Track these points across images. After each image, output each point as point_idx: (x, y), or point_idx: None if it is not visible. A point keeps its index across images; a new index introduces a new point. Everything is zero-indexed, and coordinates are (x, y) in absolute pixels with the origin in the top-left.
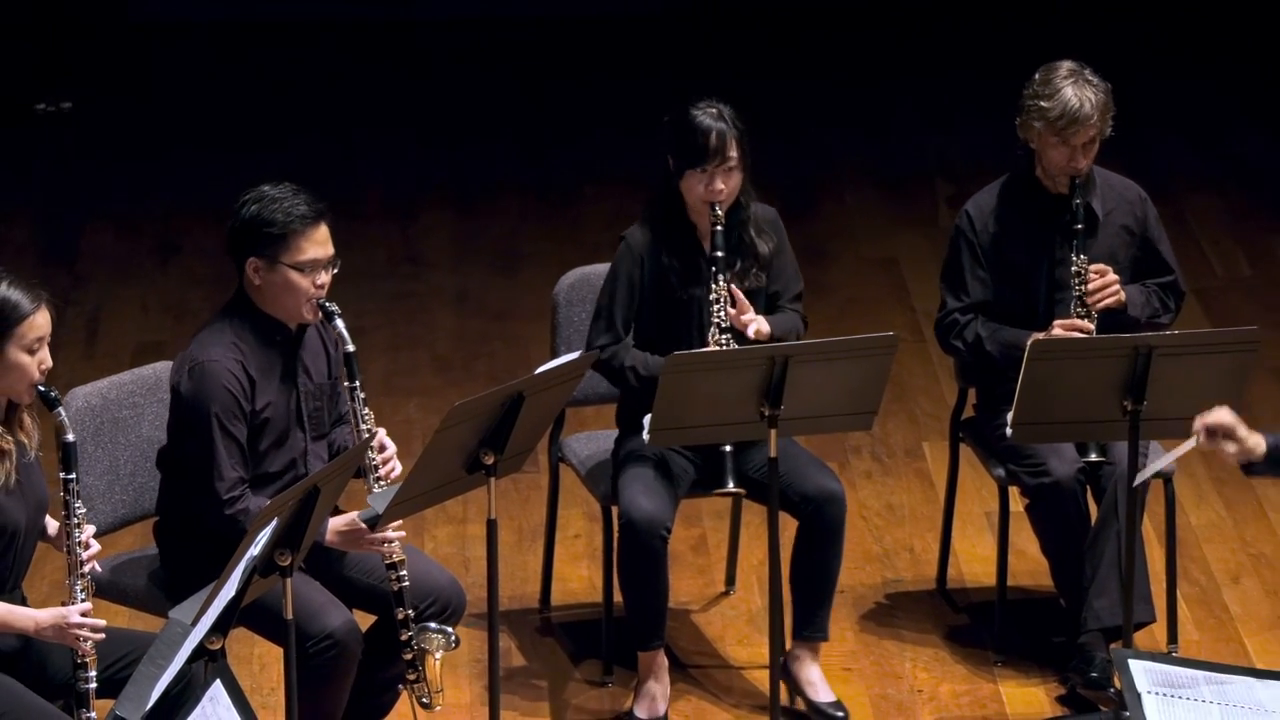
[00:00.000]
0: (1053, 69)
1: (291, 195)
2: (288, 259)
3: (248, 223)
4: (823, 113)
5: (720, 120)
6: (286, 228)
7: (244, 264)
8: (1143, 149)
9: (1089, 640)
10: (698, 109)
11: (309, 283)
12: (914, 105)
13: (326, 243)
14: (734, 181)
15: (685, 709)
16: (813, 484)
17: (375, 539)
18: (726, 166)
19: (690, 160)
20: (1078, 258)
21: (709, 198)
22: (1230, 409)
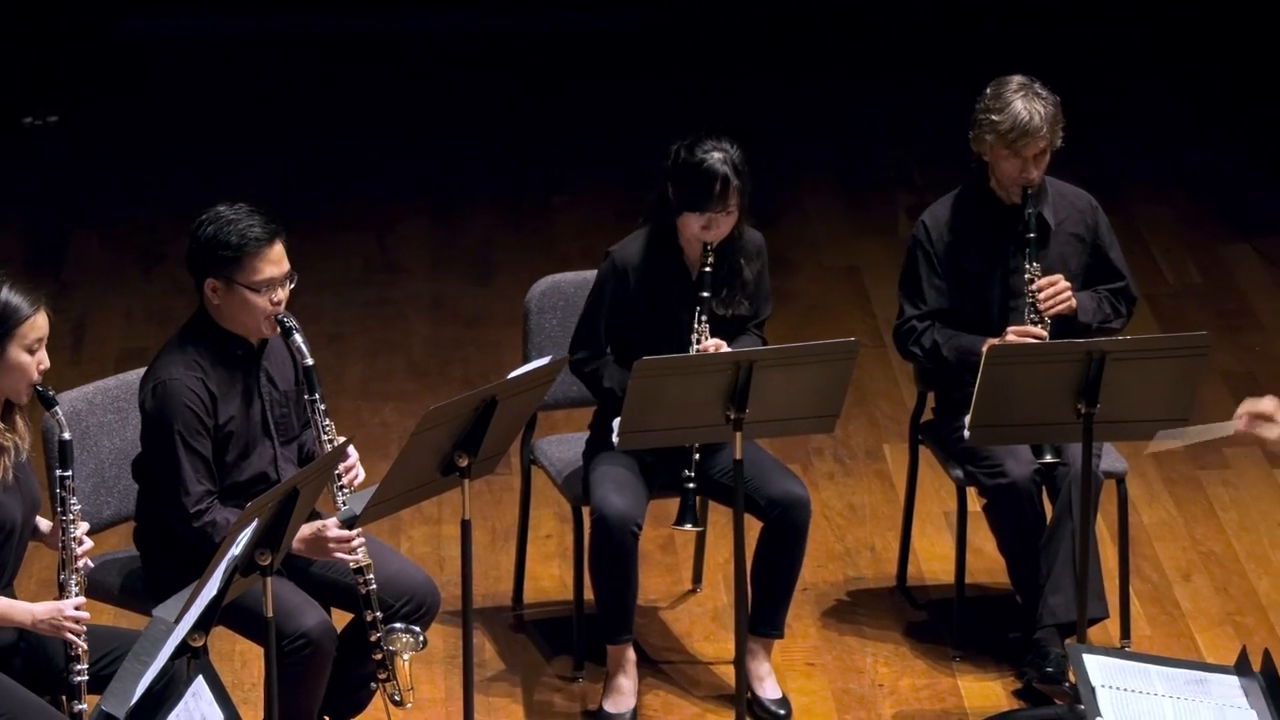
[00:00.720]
0: (1003, 83)
1: (246, 216)
2: (243, 279)
3: (204, 245)
4: (787, 124)
5: (725, 165)
6: (241, 250)
7: (203, 284)
8: (1095, 159)
9: (1045, 635)
10: (705, 150)
11: (265, 300)
12: (874, 117)
13: (281, 260)
14: (728, 225)
15: (653, 703)
16: (778, 488)
17: (340, 546)
18: (725, 213)
19: (691, 203)
20: (1030, 266)
21: (703, 238)
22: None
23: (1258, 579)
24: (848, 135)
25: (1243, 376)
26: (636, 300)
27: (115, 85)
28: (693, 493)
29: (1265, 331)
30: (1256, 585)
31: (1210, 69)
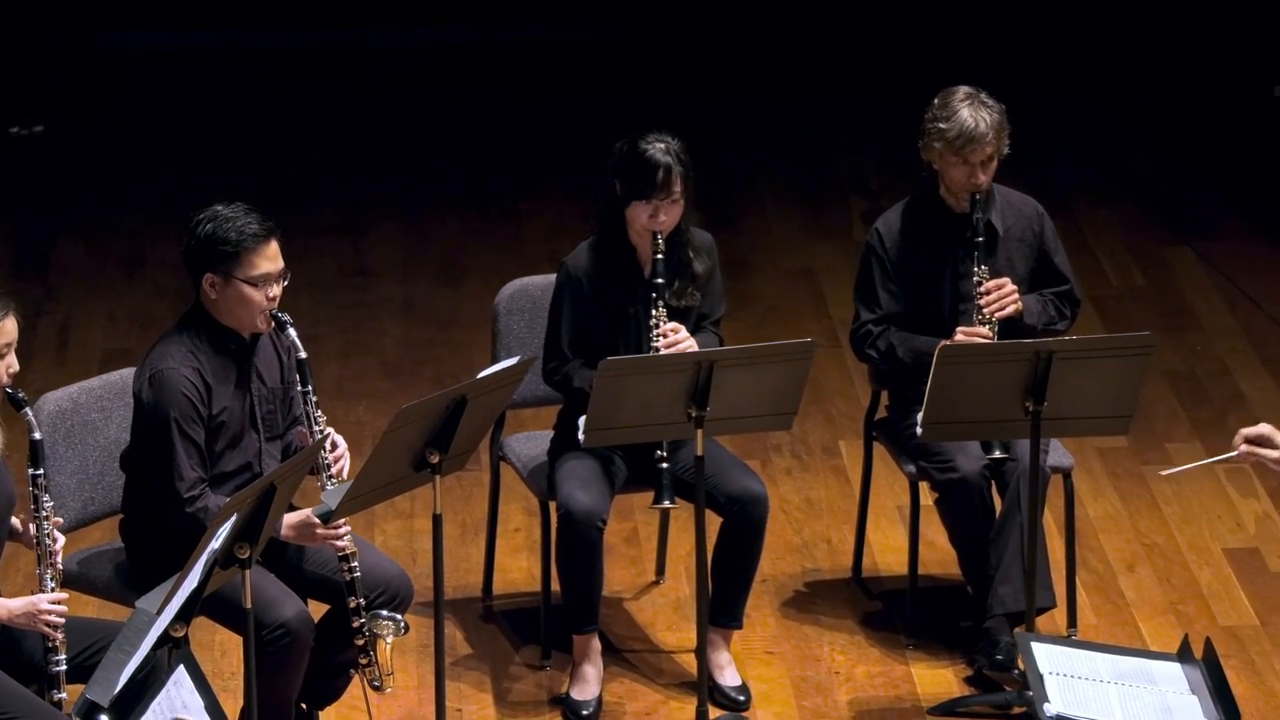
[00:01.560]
0: (950, 93)
1: (243, 214)
2: (241, 274)
3: (203, 241)
4: (746, 132)
5: (668, 155)
6: (240, 245)
7: (200, 279)
8: (1042, 166)
9: (994, 625)
10: (648, 142)
11: (261, 295)
12: (829, 126)
13: (277, 258)
14: (676, 212)
15: (618, 690)
16: (737, 485)
17: (327, 533)
18: (671, 199)
19: (637, 192)
20: (979, 269)
21: (652, 227)
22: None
23: (1199, 570)
24: (804, 144)
25: (1184, 375)
26: (594, 303)
27: (97, 97)
28: (666, 472)
29: (1205, 331)
30: (1198, 576)
31: (1150, 82)
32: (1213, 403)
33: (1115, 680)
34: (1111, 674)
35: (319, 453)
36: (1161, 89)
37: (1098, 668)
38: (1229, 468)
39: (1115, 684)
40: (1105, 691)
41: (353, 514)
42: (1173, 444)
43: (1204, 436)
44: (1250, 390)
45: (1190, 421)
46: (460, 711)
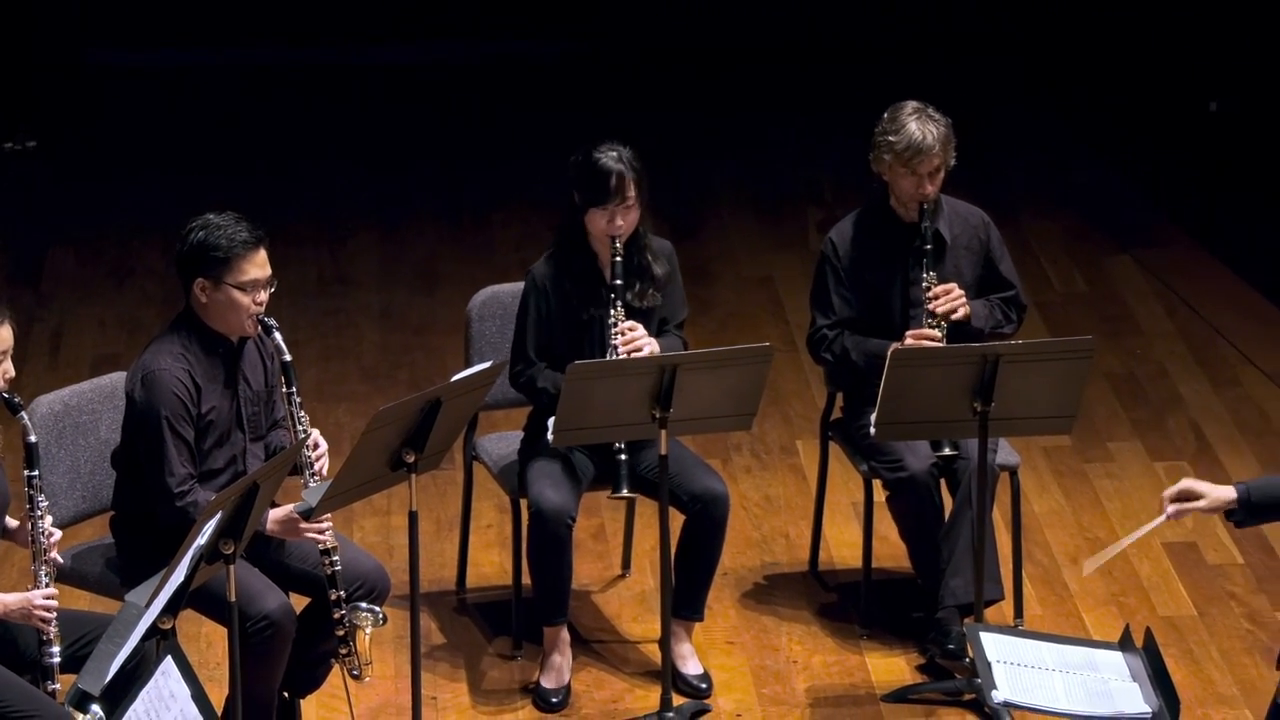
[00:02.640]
0: (899, 108)
1: (234, 223)
2: (231, 280)
3: (195, 248)
4: (706, 146)
5: (620, 163)
6: (230, 252)
7: (191, 284)
8: (988, 177)
9: (946, 615)
10: (600, 152)
11: (250, 300)
12: (786, 139)
13: (265, 265)
14: (633, 217)
15: (586, 678)
16: (699, 484)
17: (310, 528)
18: (626, 205)
19: (594, 199)
20: (928, 275)
21: (610, 231)
22: (1192, 480)
23: (1139, 563)
24: (762, 157)
25: (1124, 377)
26: (557, 309)
27: (87, 113)
28: (625, 463)
29: (1145, 335)
30: (1138, 569)
31: (1090, 98)
32: (1151, 403)
33: (1060, 668)
34: (1056, 662)
35: (301, 452)
36: (1102, 105)
37: (1043, 656)
38: (1168, 466)
39: (1060, 672)
40: (1050, 679)
41: (333, 511)
42: (1114, 443)
43: (1143, 436)
44: (1187, 392)
45: (1130, 422)
46: (435, 699)
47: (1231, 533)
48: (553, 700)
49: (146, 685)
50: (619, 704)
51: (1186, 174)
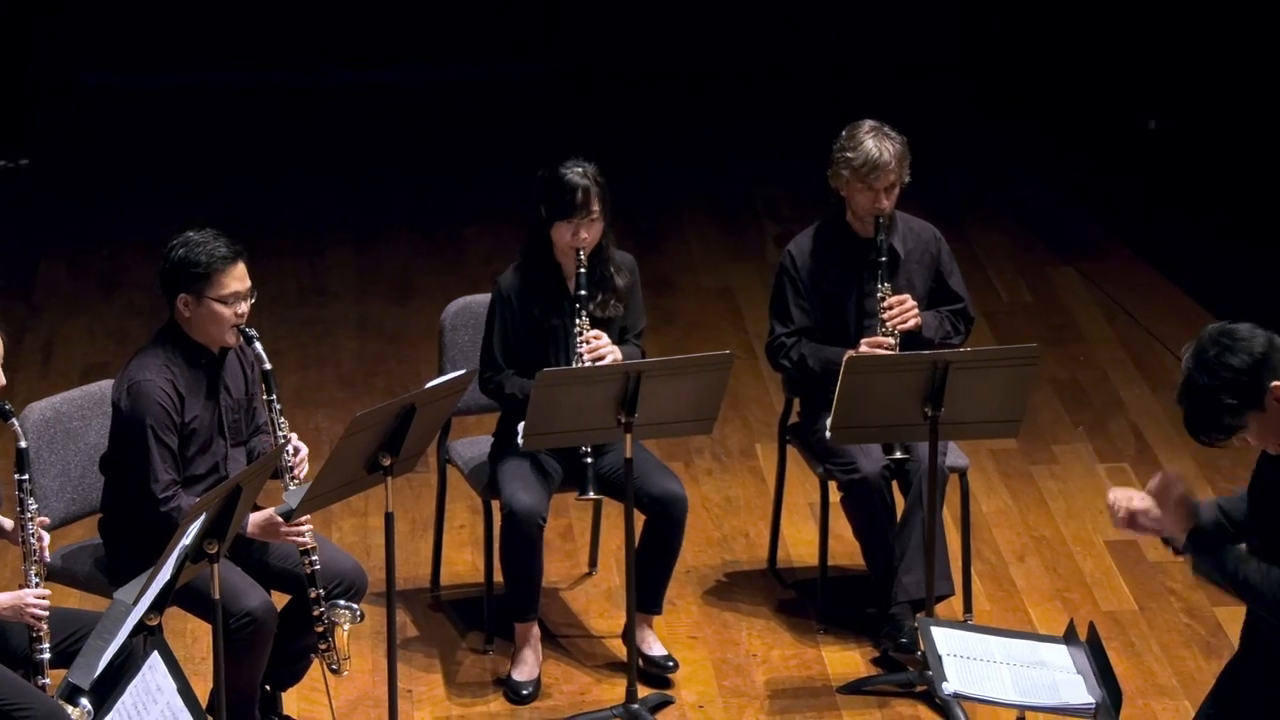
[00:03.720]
0: (856, 126)
1: (213, 239)
2: (212, 294)
3: (177, 264)
4: (668, 161)
5: (586, 178)
6: (210, 267)
7: (174, 299)
8: (939, 192)
9: (899, 611)
10: (566, 168)
11: (231, 313)
12: (744, 155)
13: (244, 278)
14: (596, 230)
15: (555, 671)
16: (659, 487)
17: (290, 530)
18: (590, 218)
19: (559, 213)
20: (882, 287)
21: (574, 244)
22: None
23: (1083, 560)
24: (722, 173)
25: (1068, 383)
26: (523, 318)
27: (77, 132)
28: (590, 466)
29: (1088, 343)
30: (1082, 565)
31: (1036, 118)
32: (1094, 408)
33: (1007, 661)
34: (1004, 656)
35: (281, 456)
36: (1047, 124)
37: (991, 650)
38: (1111, 466)
39: (1007, 665)
40: (998, 671)
41: (312, 512)
42: (1058, 445)
43: (1087, 438)
44: (1129, 396)
45: (1074, 425)
46: (411, 692)
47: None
48: (523, 692)
49: (134, 679)
50: (586, 695)
51: (1126, 189)
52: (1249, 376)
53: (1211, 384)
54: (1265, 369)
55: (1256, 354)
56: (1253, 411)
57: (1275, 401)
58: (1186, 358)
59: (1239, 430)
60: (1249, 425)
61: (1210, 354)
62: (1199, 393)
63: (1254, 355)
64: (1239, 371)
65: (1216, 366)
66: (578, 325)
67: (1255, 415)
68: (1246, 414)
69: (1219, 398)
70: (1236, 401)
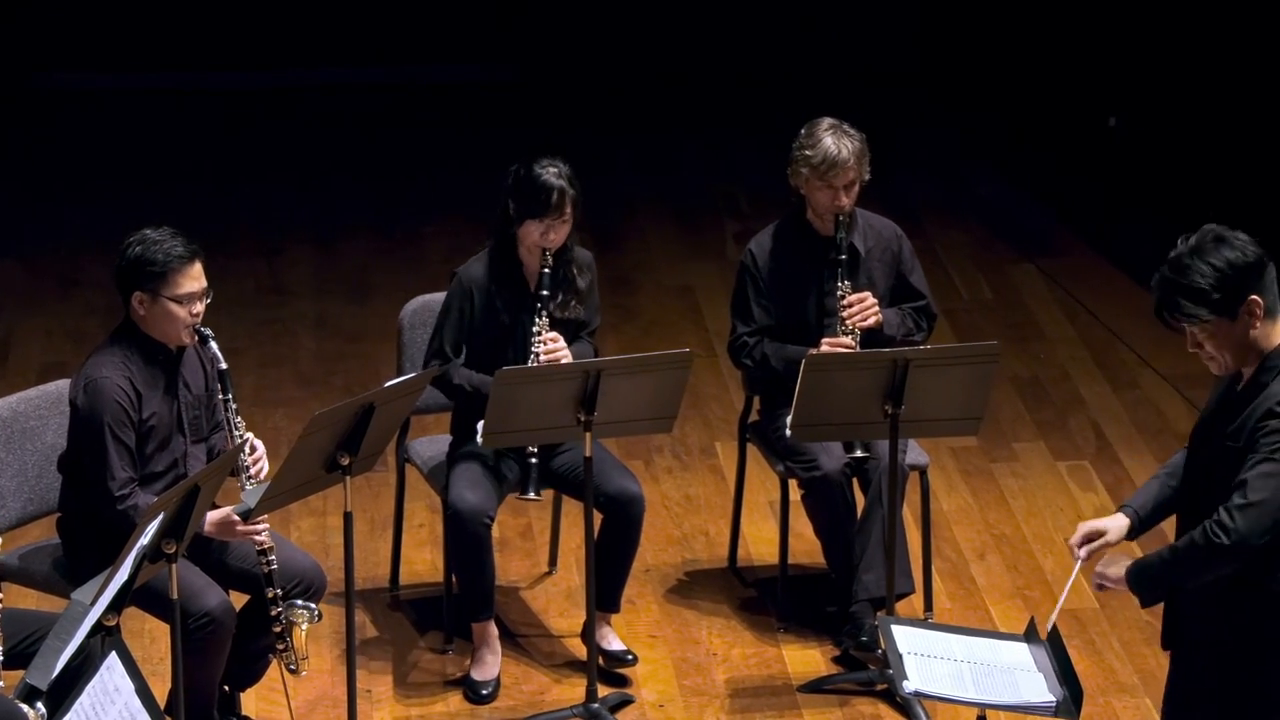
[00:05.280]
0: (815, 124)
1: (169, 238)
2: (167, 292)
3: (132, 262)
4: (627, 162)
5: (561, 179)
6: (166, 266)
7: (130, 297)
8: (900, 191)
9: (859, 609)
10: (541, 166)
11: (186, 312)
12: (703, 155)
13: (200, 277)
14: (565, 232)
15: (515, 671)
16: (615, 486)
17: (248, 529)
18: (562, 219)
19: (531, 211)
20: (842, 285)
21: (543, 244)
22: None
23: (1043, 558)
24: (680, 172)
25: (1029, 380)
26: (482, 312)
27: (34, 133)
28: (535, 466)
29: (1048, 341)
30: (1042, 563)
31: (996, 115)
32: (1055, 405)
33: (968, 659)
34: (964, 654)
35: (239, 456)
36: (1008, 121)
37: (952, 648)
38: (1071, 465)
39: (968, 663)
40: (959, 670)
41: (270, 512)
42: (1019, 443)
43: (1047, 436)
44: (1088, 394)
45: (1034, 423)
46: (370, 692)
47: None
48: (482, 692)
49: (92, 680)
50: (546, 695)
51: (1087, 187)
52: (1235, 274)
53: (1199, 266)
54: (1251, 276)
55: (1250, 259)
56: (1221, 317)
57: (1247, 315)
58: (1184, 240)
59: (1199, 322)
60: (1211, 329)
61: (1208, 241)
62: (1183, 271)
63: (1247, 258)
64: (1230, 265)
65: (1210, 253)
66: (537, 325)
67: (1222, 322)
68: (1215, 313)
69: (1199, 282)
70: (1215, 295)
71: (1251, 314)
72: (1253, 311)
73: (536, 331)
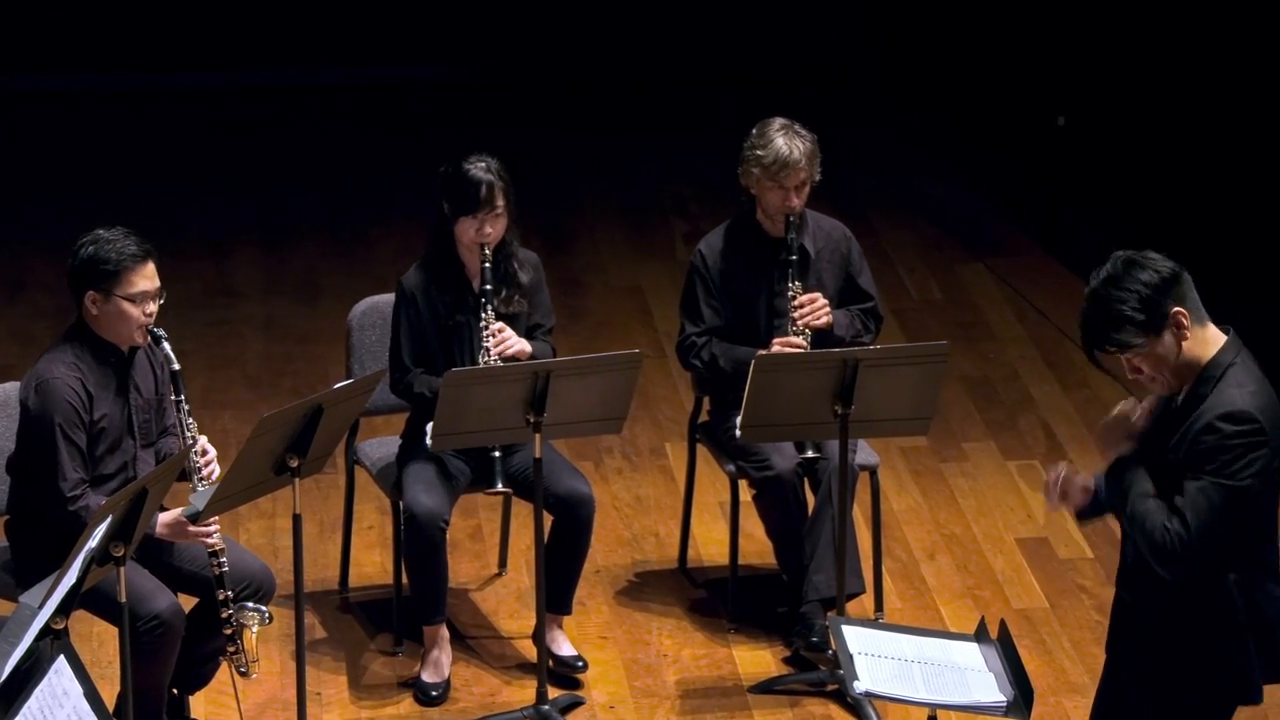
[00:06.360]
0: (767, 124)
1: (123, 237)
2: (121, 291)
3: (86, 261)
4: (576, 164)
5: (489, 173)
6: (119, 265)
7: (82, 297)
8: (849, 191)
9: (809, 609)
10: (470, 163)
11: (139, 311)
12: (651, 155)
13: (153, 277)
14: (501, 225)
15: (465, 673)
16: (565, 487)
17: (198, 531)
18: (495, 213)
19: (464, 208)
20: (793, 285)
21: (479, 239)
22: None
23: (993, 557)
24: (629, 173)
25: (979, 380)
26: (428, 316)
27: None
28: (498, 460)
29: (997, 340)
30: (992, 563)
31: (943, 115)
32: (1004, 405)
33: (918, 659)
34: (915, 654)
35: (189, 458)
36: (956, 121)
37: (903, 648)
38: (1021, 465)
39: (919, 663)
40: (910, 670)
41: (219, 514)
42: (969, 443)
43: (996, 436)
44: (1038, 393)
45: (984, 422)
46: (320, 694)
47: (1081, 528)
48: (433, 694)
49: (40, 683)
50: (496, 697)
51: (1036, 186)
52: (1154, 293)
53: (1117, 295)
54: (1169, 291)
55: (1165, 274)
56: (1150, 335)
57: (1174, 327)
58: (1096, 274)
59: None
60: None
61: (1120, 268)
62: (1102, 302)
63: (1162, 275)
64: (1146, 286)
65: (1124, 279)
66: (483, 319)
67: (1152, 340)
68: (1144, 335)
69: (1121, 309)
70: (1140, 317)
71: (1179, 325)
72: (1179, 323)
73: (484, 326)
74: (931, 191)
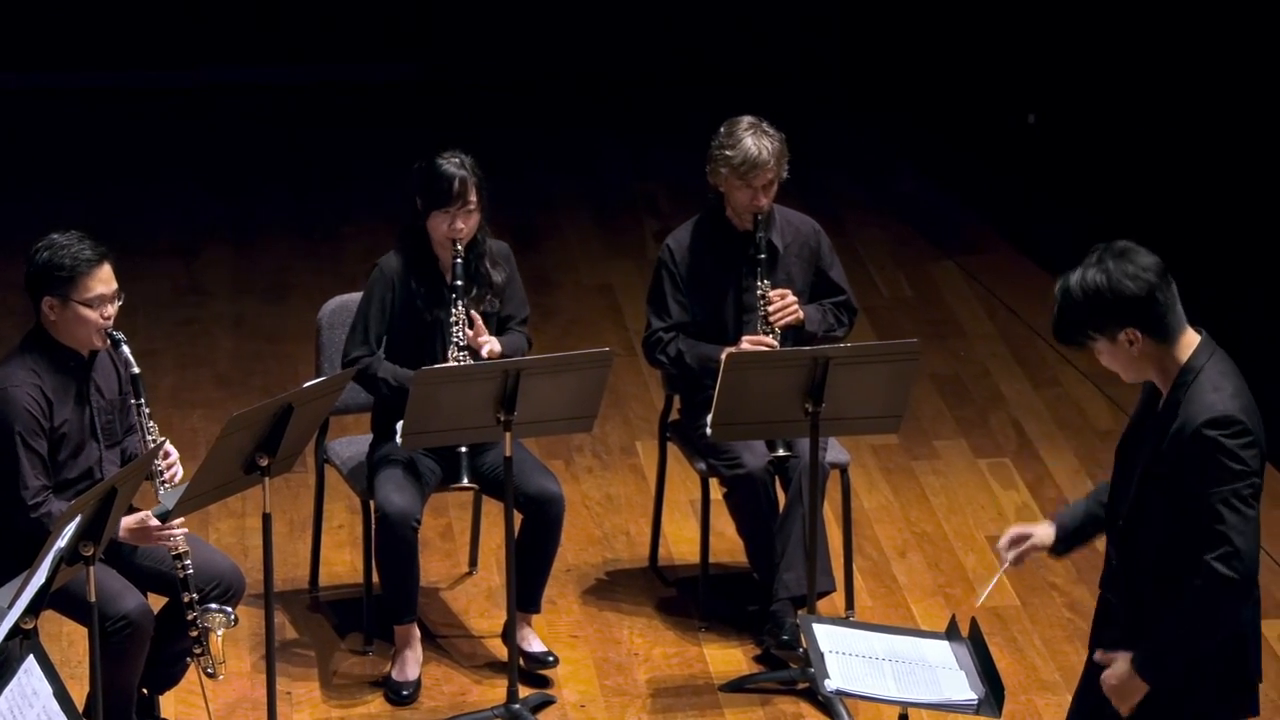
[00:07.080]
0: (735, 123)
1: (77, 241)
2: (77, 296)
3: (41, 268)
4: (545, 162)
5: (462, 169)
6: (75, 270)
7: (40, 302)
8: (818, 188)
9: (780, 608)
10: (443, 159)
11: (97, 315)
12: (621, 152)
13: (110, 280)
14: (473, 221)
15: (435, 672)
16: (535, 486)
17: (162, 533)
18: (467, 209)
19: (436, 203)
20: (762, 282)
21: (451, 235)
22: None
23: (964, 555)
24: (599, 172)
25: (949, 378)
26: (403, 305)
27: None
28: (465, 454)
29: (968, 338)
30: (963, 561)
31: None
32: (975, 402)
33: (889, 658)
34: (886, 652)
35: (155, 458)
36: (924, 119)
37: (873, 646)
38: (991, 463)
39: (890, 661)
40: (881, 668)
41: (189, 514)
42: (940, 441)
43: (967, 433)
44: (1009, 391)
45: (955, 420)
46: (290, 694)
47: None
48: (403, 693)
49: (9, 684)
50: (466, 696)
51: (1006, 184)
52: (1104, 301)
53: (1074, 290)
54: (1125, 309)
55: (1126, 291)
56: (1103, 339)
57: (1126, 342)
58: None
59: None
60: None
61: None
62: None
63: (1121, 290)
64: (1098, 289)
65: (1086, 278)
66: (454, 315)
67: (1105, 344)
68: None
69: (1072, 309)
70: (1091, 317)
71: (1131, 341)
72: (1131, 340)
73: (454, 322)
74: (902, 189)
